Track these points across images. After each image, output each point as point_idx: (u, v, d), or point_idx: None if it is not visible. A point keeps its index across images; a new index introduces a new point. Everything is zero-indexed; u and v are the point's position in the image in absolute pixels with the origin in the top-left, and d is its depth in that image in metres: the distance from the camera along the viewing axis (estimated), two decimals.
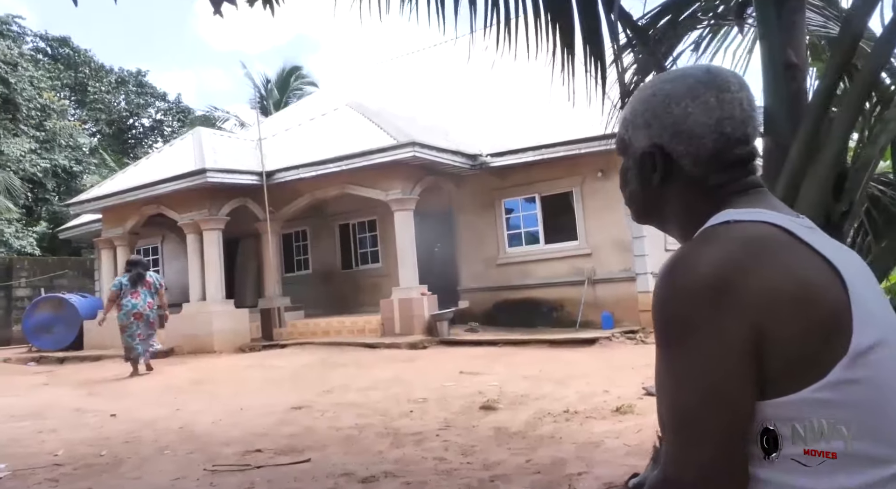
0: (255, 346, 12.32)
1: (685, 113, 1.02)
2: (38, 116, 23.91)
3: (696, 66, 1.10)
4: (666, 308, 0.91)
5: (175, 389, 8.49)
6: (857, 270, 0.96)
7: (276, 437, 5.42)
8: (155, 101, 32.39)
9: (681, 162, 1.04)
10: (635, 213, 1.17)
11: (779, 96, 2.49)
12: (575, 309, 11.83)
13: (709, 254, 0.91)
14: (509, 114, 13.04)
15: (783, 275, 0.88)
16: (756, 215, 0.96)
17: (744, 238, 0.93)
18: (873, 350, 0.87)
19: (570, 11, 3.23)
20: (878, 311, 0.92)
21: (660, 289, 0.93)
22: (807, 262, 0.90)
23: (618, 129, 1.16)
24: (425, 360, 9.74)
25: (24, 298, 18.27)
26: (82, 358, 13.16)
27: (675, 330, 0.90)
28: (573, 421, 5.42)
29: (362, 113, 13.50)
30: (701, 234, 0.98)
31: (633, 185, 1.12)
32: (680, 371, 0.89)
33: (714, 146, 1.02)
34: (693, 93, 1.03)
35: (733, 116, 1.02)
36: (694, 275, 0.89)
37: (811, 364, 0.86)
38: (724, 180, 1.03)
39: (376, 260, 14.77)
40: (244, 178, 12.82)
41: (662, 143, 1.05)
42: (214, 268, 12.85)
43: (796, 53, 2.54)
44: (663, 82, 1.08)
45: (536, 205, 12.67)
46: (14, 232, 20.40)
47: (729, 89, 1.03)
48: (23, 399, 8.62)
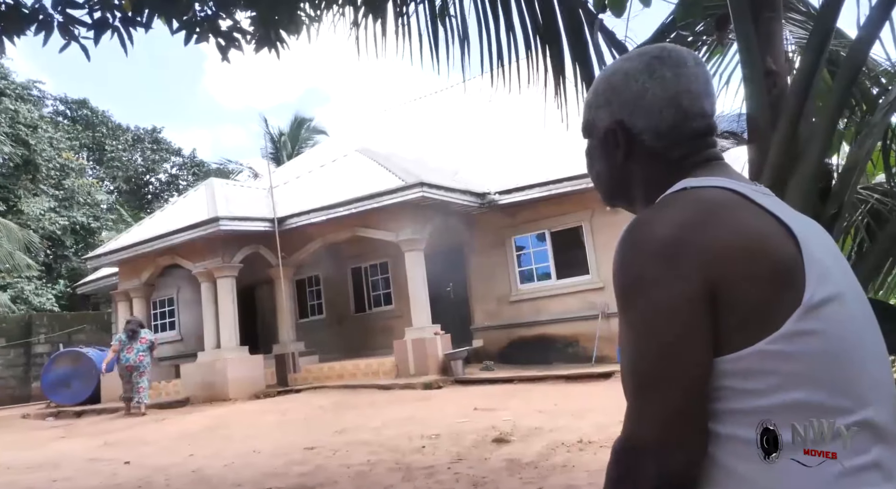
0: (270, 392, 12.27)
1: (643, 88, 1.05)
2: (57, 176, 24.48)
3: (654, 45, 1.14)
4: (622, 269, 0.93)
5: (189, 436, 8.46)
6: (811, 231, 0.97)
7: (287, 477, 5.37)
8: (170, 156, 33.09)
9: (642, 136, 1.06)
10: (604, 194, 1.19)
11: (760, 103, 2.53)
12: (590, 343, 11.72)
13: (663, 216, 0.94)
14: (516, 151, 13.19)
15: (734, 232, 0.90)
16: (712, 182, 0.99)
17: (697, 200, 0.96)
18: (827, 304, 0.88)
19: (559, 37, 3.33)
20: (832, 267, 0.93)
21: (618, 253, 0.95)
22: (759, 220, 0.93)
23: (583, 114, 1.19)
24: (440, 399, 9.65)
25: (43, 355, 18.38)
26: (99, 410, 13.16)
27: (632, 290, 0.92)
28: (587, 450, 5.34)
29: (371, 157, 13.69)
30: (659, 201, 1.01)
31: (598, 165, 1.15)
32: (637, 329, 0.91)
33: (673, 119, 1.04)
34: (650, 68, 1.06)
35: (690, 90, 1.05)
36: (649, 234, 0.92)
37: (764, 317, 0.87)
38: (685, 153, 1.06)
39: (389, 302, 14.77)
40: (256, 225, 12.98)
41: (623, 119, 1.07)
42: (228, 316, 12.90)
43: (775, 61, 2.59)
44: (622, 61, 1.11)
45: (547, 240, 12.68)
46: (34, 289, 20.68)
47: (685, 64, 1.06)
48: (39, 452, 8.62)
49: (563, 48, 3.37)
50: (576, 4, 3.16)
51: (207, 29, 4.90)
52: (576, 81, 3.41)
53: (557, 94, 3.50)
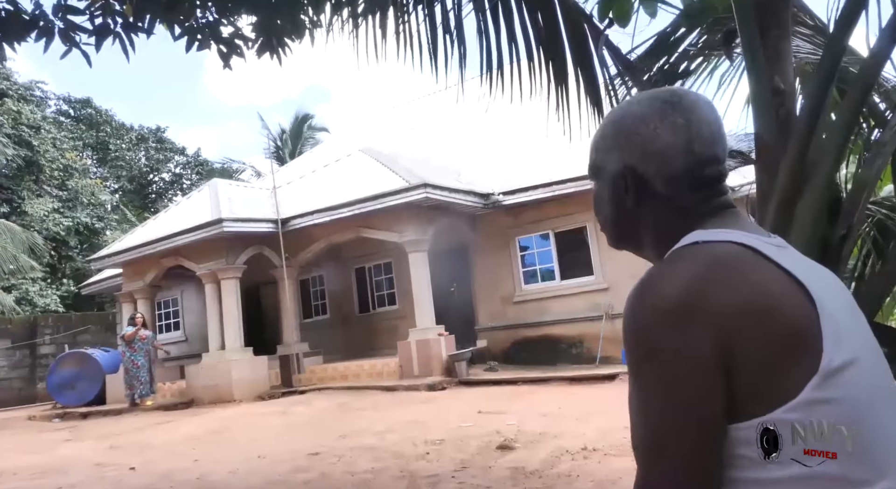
0: (275, 394, 12.28)
1: (654, 134, 1.03)
2: (61, 176, 24.51)
3: (664, 88, 1.12)
4: (633, 328, 0.91)
5: (194, 440, 8.47)
6: (828, 287, 0.95)
7: (291, 485, 5.37)
8: (174, 155, 33.12)
9: (652, 183, 1.04)
10: (611, 238, 1.17)
11: (768, 123, 2.50)
12: (594, 344, 11.70)
13: (674, 274, 0.92)
14: (520, 152, 13.16)
15: (748, 294, 0.87)
16: (724, 235, 0.96)
17: (709, 257, 0.93)
18: (845, 368, 0.86)
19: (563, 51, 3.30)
20: (850, 328, 0.91)
21: (628, 310, 0.93)
22: (773, 280, 0.90)
23: (589, 154, 1.17)
24: (443, 401, 9.65)
25: (48, 356, 18.46)
26: (105, 412, 13.20)
27: (642, 353, 0.90)
28: (591, 458, 5.32)
29: (374, 157, 13.67)
30: (669, 256, 0.99)
31: (607, 209, 1.12)
32: (648, 394, 0.89)
33: (684, 166, 1.02)
34: (662, 114, 1.04)
35: (702, 136, 1.03)
36: (660, 294, 0.90)
37: (780, 384, 0.85)
38: (696, 200, 1.04)
39: (393, 302, 14.78)
40: (260, 226, 12.98)
41: (634, 164, 1.05)
42: (233, 317, 12.92)
43: (783, 80, 2.56)
44: (631, 104, 1.09)
45: (551, 241, 12.66)
46: (38, 290, 20.74)
47: (696, 110, 1.04)
48: (45, 456, 8.64)
49: (567, 62, 3.35)
50: (580, 19, 3.13)
51: (209, 35, 4.88)
52: (578, 94, 3.39)
53: (559, 106, 3.47)
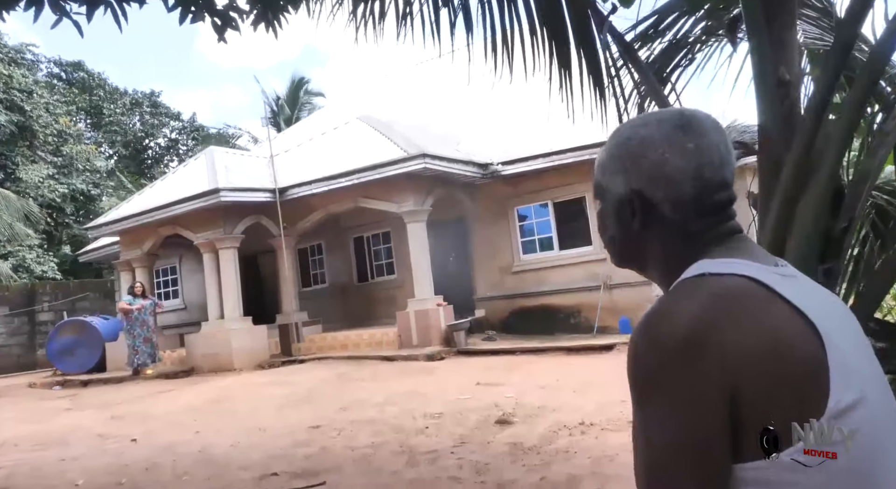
0: (275, 363, 12.38)
1: (662, 159, 1.01)
2: (55, 142, 24.29)
3: (671, 109, 1.09)
4: (638, 364, 0.91)
5: (195, 410, 8.55)
6: (835, 319, 0.93)
7: (292, 459, 5.44)
8: (169, 120, 32.80)
9: (660, 208, 1.03)
10: (615, 257, 1.15)
11: (772, 114, 2.46)
12: (592, 314, 11.77)
13: (681, 310, 0.90)
14: (520, 120, 13.02)
15: (754, 332, 0.86)
16: (732, 267, 0.95)
17: (716, 293, 0.91)
18: (853, 409, 0.85)
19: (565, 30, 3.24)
20: (858, 365, 0.90)
21: (633, 345, 0.92)
22: (780, 317, 0.89)
23: (594, 174, 1.14)
24: (442, 372, 9.73)
25: (47, 322, 18.54)
26: (105, 380, 13.31)
27: (648, 386, 0.89)
28: (588, 434, 5.39)
29: (373, 126, 13.55)
30: (675, 288, 0.98)
31: (612, 230, 1.11)
32: (652, 426, 0.88)
33: (693, 192, 1.01)
34: (670, 138, 1.02)
35: (712, 162, 1.01)
36: (666, 331, 0.89)
37: (787, 426, 0.84)
38: (704, 226, 1.02)
39: (391, 271, 14.80)
40: (257, 196, 12.92)
41: (641, 189, 1.03)
42: (231, 287, 12.95)
43: (788, 70, 2.51)
44: (638, 127, 1.06)
45: (550, 211, 12.63)
46: (35, 257, 20.72)
47: (706, 134, 1.02)
48: (46, 426, 8.73)
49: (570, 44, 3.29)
50: (584, 3, 3.06)
51: (203, 7, 4.79)
52: (581, 75, 3.34)
53: (562, 86, 3.43)
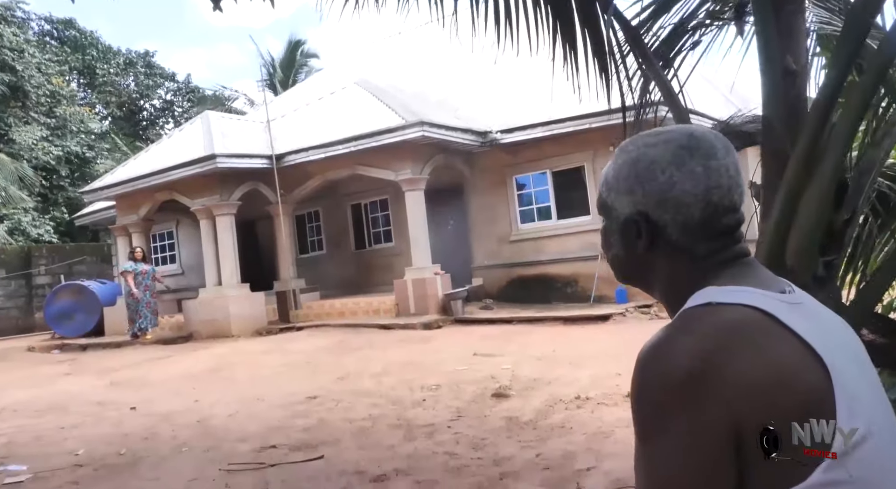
0: (273, 329, 12.45)
1: (670, 181, 1.00)
2: (48, 103, 23.97)
3: (680, 129, 1.05)
4: (641, 397, 0.90)
5: (193, 378, 8.62)
6: (842, 350, 0.93)
7: (290, 431, 5.49)
8: (164, 81, 32.37)
9: (666, 230, 1.01)
10: (619, 275, 1.15)
11: (777, 105, 2.43)
12: (589, 284, 11.81)
13: (685, 342, 0.90)
14: (519, 89, 12.86)
15: (760, 368, 0.85)
16: (738, 296, 0.94)
17: (722, 326, 0.90)
18: (858, 445, 0.84)
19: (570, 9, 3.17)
20: (864, 396, 0.89)
21: (637, 376, 0.91)
22: (786, 352, 0.88)
23: (599, 189, 1.13)
24: (439, 341, 9.80)
25: (44, 286, 18.58)
26: (104, 345, 13.38)
27: (650, 420, 0.89)
28: (584, 408, 5.45)
29: (370, 91, 13.38)
30: (680, 318, 0.96)
31: (616, 249, 1.10)
32: (654, 460, 0.88)
33: (701, 216, 0.99)
34: (678, 160, 1.00)
35: (720, 185, 0.99)
36: (669, 364, 0.88)
37: (791, 465, 0.83)
38: (711, 250, 1.01)
39: (389, 239, 14.79)
40: (254, 162, 12.82)
41: (647, 211, 1.02)
42: (229, 254, 12.94)
43: (795, 60, 2.46)
44: (646, 147, 1.04)
45: (548, 180, 12.58)
46: (31, 221, 20.62)
47: (715, 156, 1.00)
48: (46, 390, 8.80)
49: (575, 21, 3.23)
50: None
51: None
52: (585, 54, 3.28)
53: (566, 62, 3.37)
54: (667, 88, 2.85)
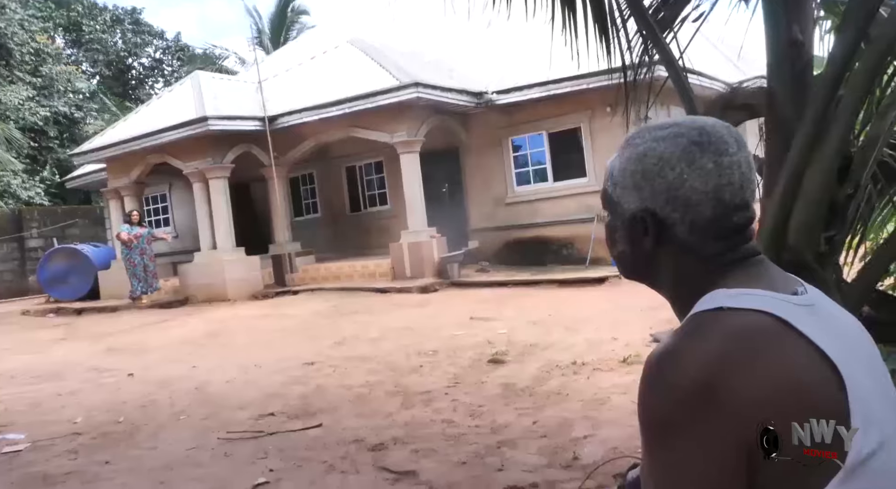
0: (269, 293, 12.46)
1: (680, 179, 0.95)
2: (33, 61, 23.45)
3: (691, 122, 1.00)
4: (649, 406, 0.88)
5: (191, 343, 8.65)
6: (856, 355, 0.90)
7: (288, 398, 5.52)
8: (152, 39, 31.70)
9: (675, 229, 0.97)
10: (624, 272, 1.11)
11: (783, 76, 2.36)
12: (585, 246, 11.82)
13: (696, 351, 0.87)
14: (515, 49, 12.63)
15: (774, 380, 0.83)
16: (750, 301, 0.90)
17: (732, 333, 0.87)
18: (874, 456, 0.82)
19: None
20: (879, 405, 0.86)
21: (644, 386, 0.89)
22: (801, 363, 0.85)
23: (604, 182, 1.08)
24: (436, 305, 9.83)
25: (37, 249, 18.49)
26: (100, 309, 13.37)
27: (658, 431, 0.87)
28: (580, 373, 5.47)
29: (364, 50, 13.15)
30: (690, 323, 0.93)
31: (621, 246, 1.06)
32: (663, 471, 0.86)
33: (712, 214, 0.95)
34: (689, 156, 0.95)
35: (732, 182, 0.95)
36: (679, 373, 0.85)
37: (803, 479, 0.81)
38: (721, 249, 0.97)
39: (384, 202, 14.72)
40: (247, 125, 12.65)
41: (654, 208, 0.98)
42: (223, 217, 12.86)
43: (802, 29, 2.38)
44: (655, 141, 0.99)
45: (544, 142, 12.47)
46: (20, 183, 20.39)
47: (727, 152, 0.96)
48: (42, 356, 8.83)
49: None
50: None
51: None
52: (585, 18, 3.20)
53: (566, 27, 3.29)
54: (667, 56, 2.77)
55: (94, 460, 4.39)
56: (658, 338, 6.37)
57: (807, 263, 2.20)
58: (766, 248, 2.19)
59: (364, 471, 3.76)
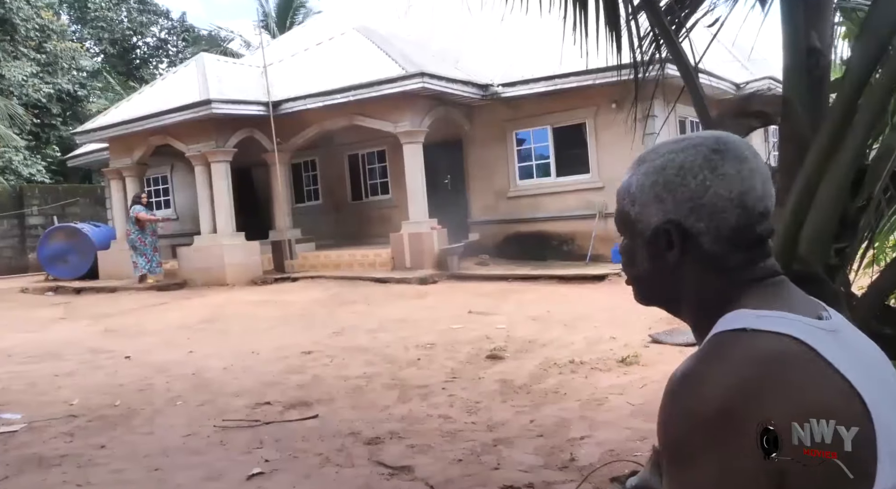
0: (268, 279, 12.43)
1: (704, 186, 0.94)
2: (38, 37, 23.29)
3: (705, 134, 0.99)
4: (670, 428, 0.86)
5: (188, 328, 8.63)
6: (882, 387, 0.88)
7: (285, 388, 5.51)
8: (158, 19, 31.47)
9: (700, 239, 0.95)
10: (642, 296, 1.07)
11: (799, 84, 2.32)
12: (585, 242, 11.79)
13: (718, 374, 0.84)
14: (522, 41, 12.54)
15: (799, 408, 0.80)
16: (775, 324, 0.87)
17: (757, 358, 0.84)
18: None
19: None
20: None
21: (667, 405, 0.87)
22: (826, 393, 0.82)
23: (616, 203, 1.05)
24: (435, 297, 9.81)
25: (37, 226, 18.46)
26: (98, 289, 13.35)
27: (678, 454, 0.85)
28: (578, 373, 5.47)
29: (370, 38, 13.06)
30: (712, 344, 0.90)
31: (642, 266, 1.03)
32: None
33: (736, 222, 0.94)
34: (710, 163, 0.94)
35: (754, 188, 0.94)
36: (701, 397, 0.83)
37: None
38: (744, 261, 0.95)
39: (386, 191, 14.67)
40: (250, 109, 12.57)
41: (679, 219, 0.95)
42: (224, 201, 12.80)
43: (820, 36, 2.35)
44: (672, 153, 0.97)
45: (548, 136, 12.41)
46: (22, 160, 20.30)
47: (746, 159, 0.95)
48: (40, 335, 8.83)
49: None
50: None
51: None
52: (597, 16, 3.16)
53: (576, 26, 3.26)
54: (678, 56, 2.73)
55: (90, 443, 4.38)
56: (657, 338, 6.37)
57: (817, 275, 2.18)
58: (776, 259, 2.17)
59: (359, 465, 3.76)
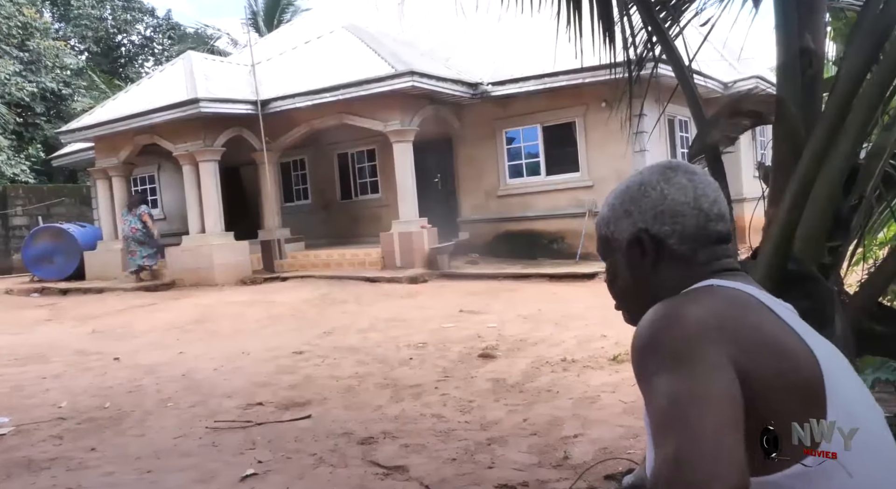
0: (257, 279, 12.38)
1: (662, 194, 1.09)
2: (20, 35, 22.97)
3: (661, 161, 1.23)
4: (654, 344, 0.94)
5: (178, 329, 8.59)
6: (831, 352, 1.01)
7: (277, 388, 5.49)
8: (143, 16, 31.19)
9: (668, 241, 1.09)
10: (630, 310, 1.17)
11: (792, 84, 2.34)
12: (575, 241, 11.82)
13: (695, 302, 0.99)
14: (512, 40, 12.56)
15: (762, 332, 0.95)
16: (736, 284, 1.04)
17: (727, 296, 1.00)
18: (851, 437, 0.89)
19: None
20: (852, 394, 0.97)
21: (649, 330, 0.95)
22: (784, 331, 0.97)
23: (597, 232, 1.20)
24: (425, 296, 9.81)
25: (21, 227, 18.25)
26: (85, 290, 13.22)
27: (669, 361, 0.90)
28: (570, 371, 5.48)
29: (359, 37, 13.03)
30: (687, 293, 1.04)
31: (622, 277, 1.16)
32: (676, 393, 0.88)
33: (696, 222, 1.08)
34: (665, 176, 1.10)
35: (706, 194, 1.09)
36: (683, 315, 0.95)
37: (788, 427, 0.88)
38: (710, 256, 1.09)
39: (376, 190, 14.63)
40: (239, 108, 12.50)
41: (647, 226, 1.09)
42: (212, 201, 12.72)
43: (814, 37, 2.36)
44: (633, 177, 1.16)
45: (538, 135, 12.43)
46: (5, 159, 20.05)
47: (696, 172, 1.12)
48: (26, 337, 8.75)
49: None
50: None
51: None
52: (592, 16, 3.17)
53: (570, 23, 3.26)
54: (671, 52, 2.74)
55: (80, 446, 4.35)
56: None
57: (811, 274, 2.20)
58: (771, 258, 2.19)
59: (353, 465, 3.75)
